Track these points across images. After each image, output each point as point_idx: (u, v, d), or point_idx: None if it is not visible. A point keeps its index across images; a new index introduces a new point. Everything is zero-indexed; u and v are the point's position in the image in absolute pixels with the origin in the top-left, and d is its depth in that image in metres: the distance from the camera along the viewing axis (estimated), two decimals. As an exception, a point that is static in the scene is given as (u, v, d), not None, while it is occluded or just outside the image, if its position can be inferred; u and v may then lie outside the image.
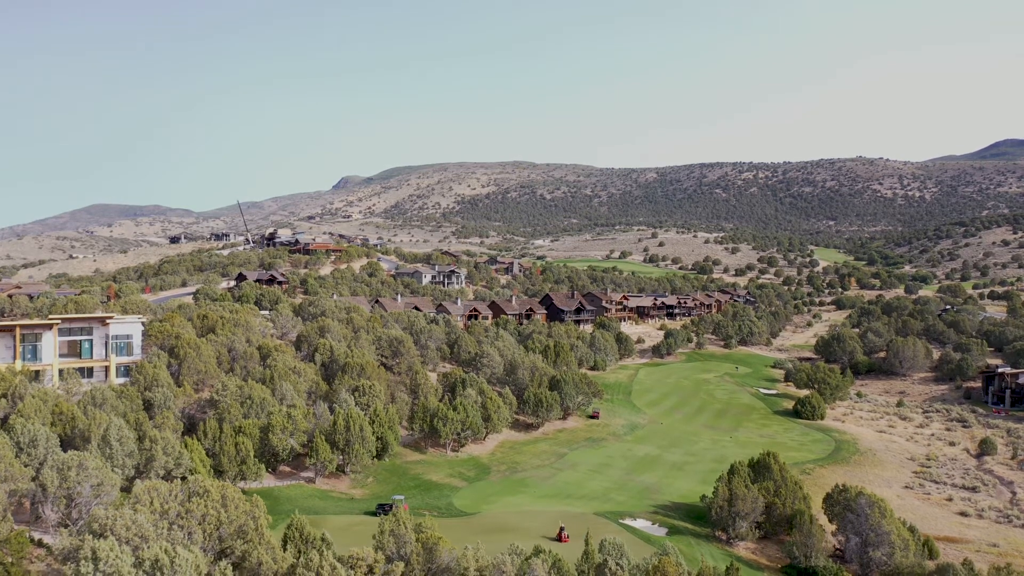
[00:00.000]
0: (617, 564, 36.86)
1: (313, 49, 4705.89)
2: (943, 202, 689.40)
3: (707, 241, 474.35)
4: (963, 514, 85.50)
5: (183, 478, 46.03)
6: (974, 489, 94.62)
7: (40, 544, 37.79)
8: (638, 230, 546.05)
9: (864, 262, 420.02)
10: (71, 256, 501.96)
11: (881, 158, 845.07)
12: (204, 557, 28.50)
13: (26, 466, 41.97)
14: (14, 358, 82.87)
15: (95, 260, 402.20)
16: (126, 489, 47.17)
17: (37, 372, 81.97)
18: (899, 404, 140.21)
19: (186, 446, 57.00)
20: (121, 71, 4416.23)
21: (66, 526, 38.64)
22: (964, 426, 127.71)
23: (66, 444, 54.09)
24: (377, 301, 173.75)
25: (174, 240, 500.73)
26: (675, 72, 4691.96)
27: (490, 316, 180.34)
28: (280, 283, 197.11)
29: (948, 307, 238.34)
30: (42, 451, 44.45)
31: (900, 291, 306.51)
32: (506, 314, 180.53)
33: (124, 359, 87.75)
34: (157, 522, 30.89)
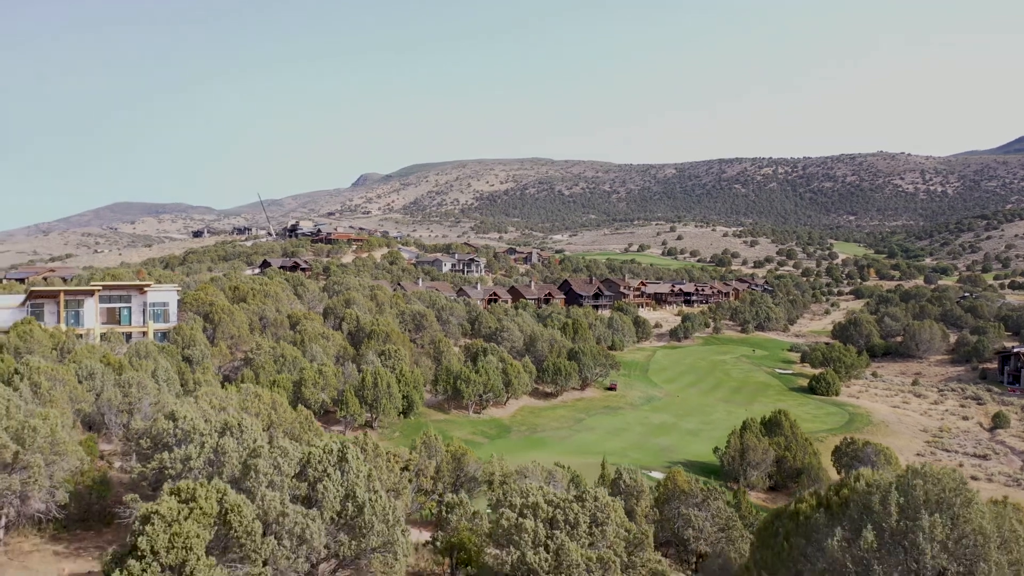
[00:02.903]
0: (631, 478, 39.77)
1: (332, 50, 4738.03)
2: (966, 197, 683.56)
3: (726, 235, 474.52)
4: (973, 478, 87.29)
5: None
6: (985, 457, 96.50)
7: (102, 457, 41.46)
8: (656, 224, 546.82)
9: (884, 255, 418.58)
10: (96, 251, 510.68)
11: (903, 153, 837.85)
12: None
13: (88, 391, 45.75)
14: (58, 322, 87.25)
15: (120, 254, 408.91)
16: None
17: (80, 336, 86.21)
18: (914, 383, 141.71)
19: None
20: (143, 72, 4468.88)
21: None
22: (979, 403, 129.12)
23: (115, 388, 57.84)
24: (399, 285, 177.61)
25: (197, 234, 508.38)
26: (696, 66, 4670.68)
27: (509, 300, 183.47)
28: (303, 269, 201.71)
29: (967, 294, 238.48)
30: (99, 382, 48.16)
31: (919, 281, 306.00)
32: (525, 298, 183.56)
33: (161, 326, 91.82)
34: (217, 414, 34.40)
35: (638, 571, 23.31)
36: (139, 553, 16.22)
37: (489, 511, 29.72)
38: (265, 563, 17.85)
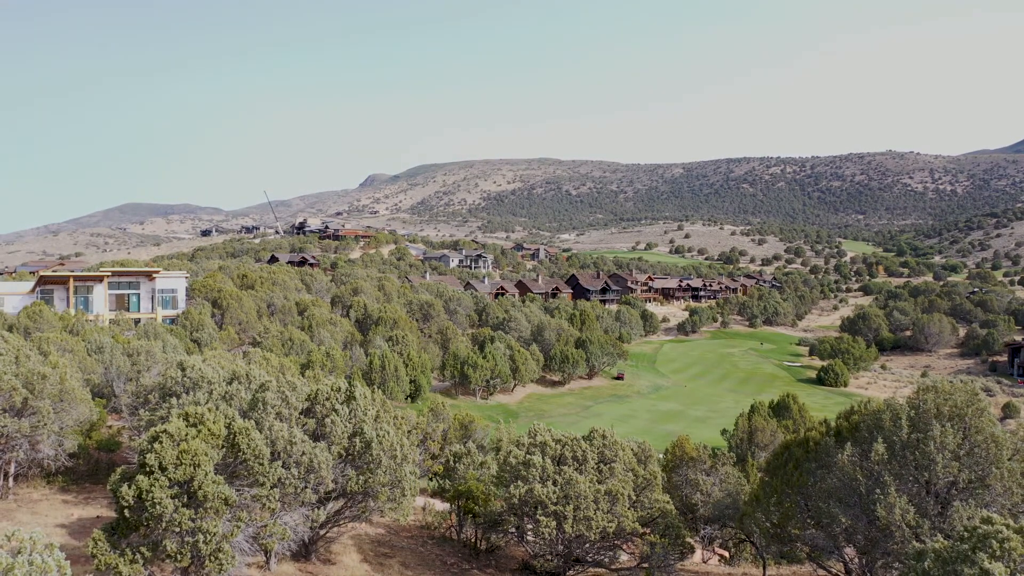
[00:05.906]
0: (639, 446, 39.65)
1: (339, 50, 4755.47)
2: (975, 196, 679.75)
3: (734, 233, 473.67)
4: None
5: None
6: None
7: (109, 427, 41.67)
8: (664, 223, 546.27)
9: (893, 253, 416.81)
10: (105, 250, 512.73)
11: (912, 152, 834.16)
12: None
13: (97, 363, 45.94)
14: (67, 307, 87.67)
15: (129, 253, 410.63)
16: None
17: (89, 321, 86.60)
18: (924, 375, 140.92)
19: (234, 369, 60.96)
20: (152, 72, 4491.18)
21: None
22: (989, 395, 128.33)
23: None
24: (406, 279, 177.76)
25: (205, 233, 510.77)
26: (697, 67, 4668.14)
27: (516, 294, 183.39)
28: (311, 264, 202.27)
29: (976, 290, 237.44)
30: (108, 356, 48.36)
31: (928, 278, 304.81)
32: (532, 292, 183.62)
33: (170, 312, 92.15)
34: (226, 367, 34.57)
35: (647, 509, 23.27)
36: (148, 469, 16.27)
37: (496, 468, 29.70)
38: (273, 486, 17.86)
